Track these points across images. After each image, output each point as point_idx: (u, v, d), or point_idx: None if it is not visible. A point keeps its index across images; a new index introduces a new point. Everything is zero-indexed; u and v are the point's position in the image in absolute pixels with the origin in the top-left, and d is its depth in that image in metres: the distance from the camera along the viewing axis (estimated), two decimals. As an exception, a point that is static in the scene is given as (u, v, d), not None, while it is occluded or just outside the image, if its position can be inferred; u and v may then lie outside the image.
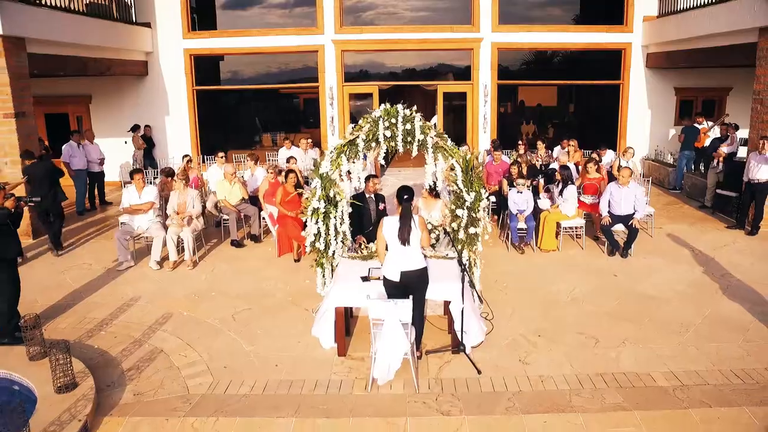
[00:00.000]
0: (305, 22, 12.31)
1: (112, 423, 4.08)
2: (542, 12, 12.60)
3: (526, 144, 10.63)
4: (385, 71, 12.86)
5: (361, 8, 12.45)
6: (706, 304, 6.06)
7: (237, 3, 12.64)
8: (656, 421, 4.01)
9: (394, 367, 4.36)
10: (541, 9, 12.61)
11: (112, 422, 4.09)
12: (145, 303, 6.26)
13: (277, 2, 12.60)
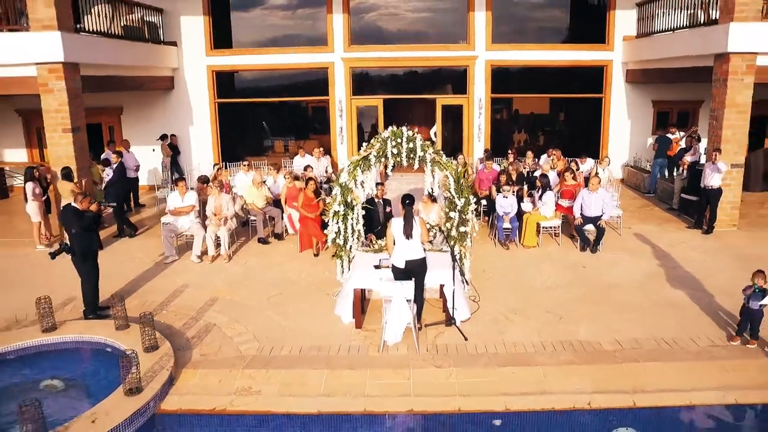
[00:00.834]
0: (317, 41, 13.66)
1: (188, 374, 5.46)
2: (532, 31, 13.94)
3: (515, 153, 12.00)
4: (390, 85, 14.24)
5: (367, 28, 13.81)
6: (656, 290, 7.43)
7: (254, 23, 13.99)
8: (596, 371, 5.40)
9: (400, 333, 5.74)
10: (530, 29, 13.95)
11: (188, 373, 5.47)
12: (193, 289, 7.63)
13: (291, 23, 13.96)
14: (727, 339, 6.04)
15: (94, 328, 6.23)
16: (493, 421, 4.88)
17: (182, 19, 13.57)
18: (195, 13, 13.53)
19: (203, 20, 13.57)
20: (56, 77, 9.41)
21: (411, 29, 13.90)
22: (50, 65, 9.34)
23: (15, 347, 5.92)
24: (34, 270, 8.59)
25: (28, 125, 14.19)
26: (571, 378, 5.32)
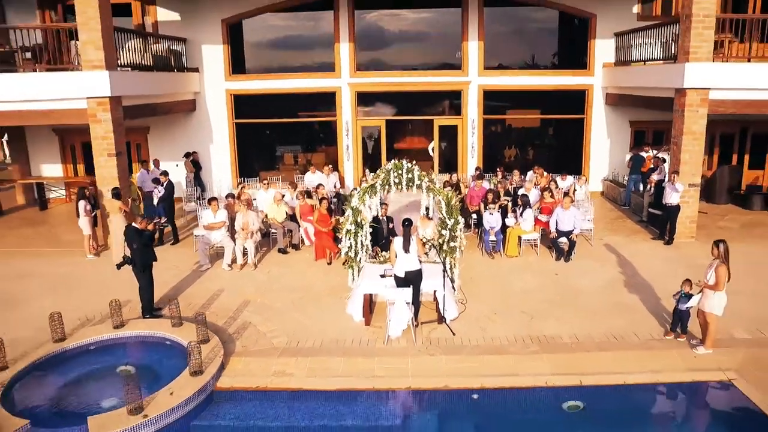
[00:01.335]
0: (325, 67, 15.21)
1: (234, 361, 7.00)
2: (520, 58, 15.48)
3: (503, 170, 13.55)
4: (392, 106, 15.78)
5: (372, 56, 15.34)
6: (614, 294, 8.97)
7: (269, 50, 15.52)
8: (554, 359, 6.93)
9: (401, 329, 7.28)
10: (519, 56, 15.48)
11: (234, 360, 7.01)
12: (228, 294, 9.17)
13: (303, 51, 15.51)
14: (663, 334, 7.57)
15: (155, 325, 7.77)
16: (471, 396, 6.40)
17: (203, 48, 15.12)
18: (215, 42, 15.09)
19: (222, 48, 15.12)
20: (103, 109, 10.95)
21: (411, 56, 15.45)
22: (98, 99, 10.88)
23: (94, 340, 7.46)
24: (87, 276, 10.14)
25: (64, 143, 15.75)
26: (534, 363, 6.86)
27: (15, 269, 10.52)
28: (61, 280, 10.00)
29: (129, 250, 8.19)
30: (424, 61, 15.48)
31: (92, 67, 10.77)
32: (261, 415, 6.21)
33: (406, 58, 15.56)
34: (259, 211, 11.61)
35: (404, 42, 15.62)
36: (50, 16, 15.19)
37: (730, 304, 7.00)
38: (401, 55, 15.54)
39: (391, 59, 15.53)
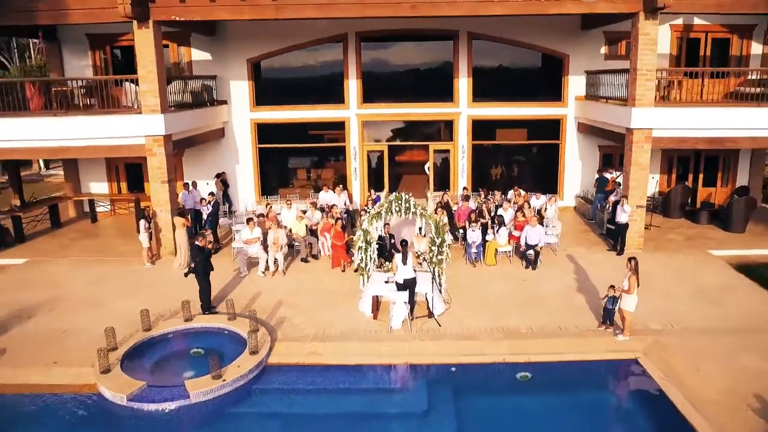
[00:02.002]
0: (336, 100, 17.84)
1: (278, 344, 9.63)
2: (504, 92, 18.04)
3: (486, 191, 16.19)
4: (393, 133, 18.42)
5: (376, 89, 17.95)
6: (568, 297, 11.59)
7: (288, 85, 18.12)
8: (512, 343, 9.56)
9: (400, 322, 9.92)
10: (503, 90, 18.05)
11: (278, 344, 9.64)
12: (264, 295, 11.80)
13: (317, 86, 18.12)
14: (597, 326, 10.20)
15: (215, 319, 10.43)
16: (450, 369, 9.04)
17: (231, 83, 17.76)
18: (241, 78, 17.73)
19: (247, 84, 17.76)
20: (158, 145, 13.62)
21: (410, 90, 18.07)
22: (155, 137, 13.55)
23: (172, 330, 10.11)
24: (149, 281, 12.78)
25: (109, 164, 18.38)
26: (497, 346, 9.49)
27: (89, 276, 13.17)
28: (129, 284, 12.64)
29: (193, 262, 10.84)
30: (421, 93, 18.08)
31: (150, 111, 13.43)
32: (300, 382, 8.85)
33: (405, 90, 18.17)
34: (284, 227, 14.23)
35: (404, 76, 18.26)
36: (100, 56, 17.83)
37: (651, 302, 9.70)
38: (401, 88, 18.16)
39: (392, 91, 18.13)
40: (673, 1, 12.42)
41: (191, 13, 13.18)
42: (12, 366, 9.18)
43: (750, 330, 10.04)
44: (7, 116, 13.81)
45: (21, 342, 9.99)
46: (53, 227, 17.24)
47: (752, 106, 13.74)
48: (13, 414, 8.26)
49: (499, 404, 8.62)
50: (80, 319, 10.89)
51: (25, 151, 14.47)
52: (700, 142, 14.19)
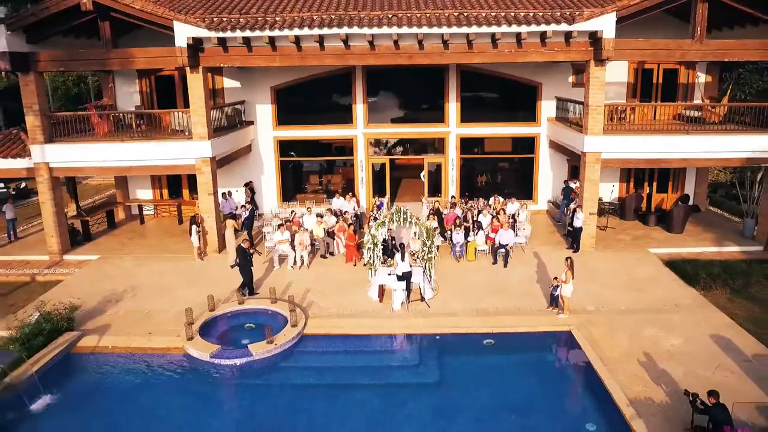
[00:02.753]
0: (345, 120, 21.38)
1: (310, 321, 13.28)
2: (487, 114, 21.57)
3: (466, 200, 19.80)
4: (393, 148, 21.98)
5: (379, 111, 21.49)
6: (528, 285, 15.22)
7: (304, 108, 21.63)
8: (482, 319, 13.23)
9: (399, 304, 13.59)
10: (486, 112, 21.59)
11: (310, 320, 13.28)
12: (295, 284, 15.42)
13: (329, 108, 21.66)
14: (546, 308, 13.84)
15: (261, 302, 14.07)
16: (435, 337, 12.70)
17: (257, 107, 21.29)
18: (265, 102, 21.25)
19: (271, 107, 21.28)
20: (205, 165, 17.18)
21: (408, 113, 21.64)
22: (203, 159, 17.11)
23: (229, 310, 13.75)
24: (202, 274, 16.37)
25: (153, 175, 21.92)
26: (471, 321, 13.14)
27: (154, 269, 16.78)
28: (186, 276, 16.26)
29: (239, 258, 14.47)
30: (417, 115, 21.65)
31: (199, 138, 16.99)
32: (327, 346, 12.50)
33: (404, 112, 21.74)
34: (307, 230, 17.81)
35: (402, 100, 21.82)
36: (146, 83, 21.33)
37: (591, 290, 13.42)
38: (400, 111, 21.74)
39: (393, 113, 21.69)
40: (614, 54, 15.94)
41: (232, 60, 16.71)
42: (119, 335, 12.83)
43: (658, 310, 13.69)
44: (85, 142, 17.40)
45: (119, 319, 13.64)
46: (110, 228, 20.87)
47: (682, 134, 17.30)
48: (126, 367, 11.90)
49: (470, 361, 12.26)
50: (156, 303, 14.52)
51: (97, 170, 18.10)
52: (640, 162, 17.80)
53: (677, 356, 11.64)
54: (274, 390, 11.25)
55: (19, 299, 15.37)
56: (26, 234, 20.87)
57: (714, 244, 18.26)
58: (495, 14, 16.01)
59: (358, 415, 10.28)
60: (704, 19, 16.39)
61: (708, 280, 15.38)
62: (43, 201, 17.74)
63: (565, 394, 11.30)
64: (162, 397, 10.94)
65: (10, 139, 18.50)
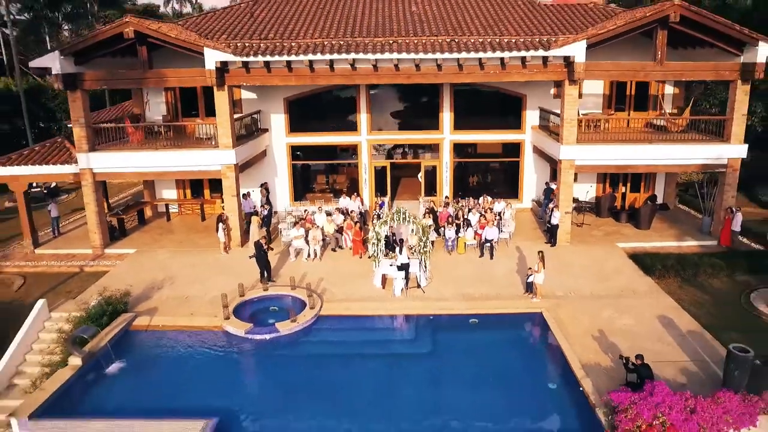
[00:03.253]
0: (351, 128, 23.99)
1: (326, 304, 15.99)
2: (478, 122, 24.19)
3: (457, 200, 22.48)
4: (393, 152, 24.62)
5: (381, 121, 24.12)
6: (509, 275, 17.94)
7: (314, 116, 24.22)
8: (468, 303, 15.96)
9: (400, 291, 16.32)
10: (477, 121, 24.20)
11: (325, 304, 16.00)
12: (310, 274, 18.11)
13: (336, 117, 24.27)
14: (523, 293, 16.54)
15: (282, 289, 16.77)
16: (429, 317, 15.42)
17: (272, 116, 23.88)
18: (279, 112, 23.84)
19: (284, 116, 23.88)
20: (230, 171, 19.83)
21: (406, 121, 24.27)
22: (228, 165, 19.75)
23: (257, 296, 16.45)
24: (228, 266, 19.03)
25: (178, 176, 24.55)
26: (459, 305, 15.86)
27: (186, 261, 19.44)
28: (215, 267, 18.93)
29: (257, 252, 17.14)
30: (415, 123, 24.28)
31: (224, 147, 19.62)
32: (340, 324, 15.22)
33: (403, 120, 24.38)
34: (318, 227, 20.47)
35: (402, 110, 24.44)
36: (171, 95, 23.89)
37: (563, 279, 16.15)
38: (400, 119, 24.37)
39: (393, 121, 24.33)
40: (585, 75, 18.57)
41: (253, 80, 19.31)
42: (166, 316, 15.54)
43: (617, 296, 16.39)
44: (123, 150, 20.03)
45: (163, 303, 16.33)
46: (140, 224, 23.53)
47: (646, 143, 19.95)
48: (176, 341, 14.60)
49: (457, 336, 14.97)
50: (192, 289, 17.21)
51: (134, 175, 20.75)
52: (610, 168, 20.48)
53: (626, 333, 14.37)
54: (296, 358, 13.97)
55: (74, 287, 18.07)
56: (66, 230, 23.51)
57: (675, 239, 20.95)
58: (482, 41, 18.63)
59: (365, 377, 13.03)
60: (664, 45, 18.98)
61: (663, 270, 18.10)
62: (87, 202, 20.38)
63: (533, 362, 14.01)
64: (207, 363, 13.67)
65: (56, 147, 21.11)
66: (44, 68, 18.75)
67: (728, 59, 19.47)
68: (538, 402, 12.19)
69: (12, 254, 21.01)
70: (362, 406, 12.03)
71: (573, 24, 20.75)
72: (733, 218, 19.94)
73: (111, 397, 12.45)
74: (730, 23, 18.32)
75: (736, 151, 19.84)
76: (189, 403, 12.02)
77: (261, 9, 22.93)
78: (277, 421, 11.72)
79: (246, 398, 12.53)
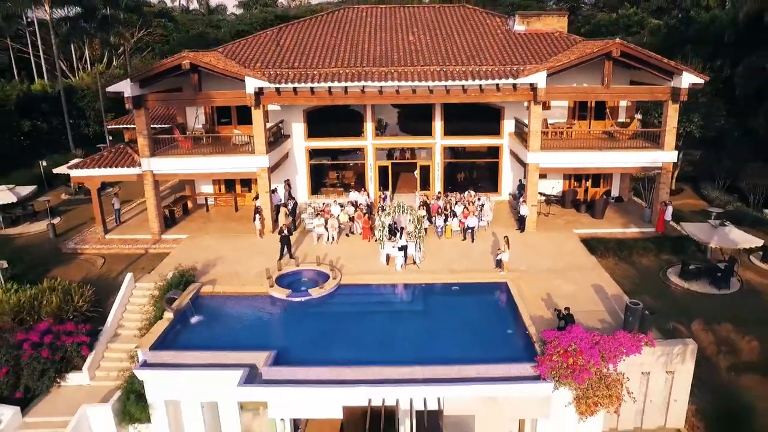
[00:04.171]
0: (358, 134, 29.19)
1: (344, 276, 21.35)
2: (464, 129, 29.38)
3: (445, 194, 27.78)
4: (394, 154, 29.90)
5: (384, 128, 29.30)
6: (485, 254, 23.32)
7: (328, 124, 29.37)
8: (452, 275, 21.34)
9: (400, 266, 21.71)
10: (463, 128, 29.38)
11: (343, 277, 21.35)
12: (330, 254, 23.43)
13: (345, 122, 29.46)
14: (493, 268, 21.92)
15: (310, 265, 22.12)
16: (422, 285, 20.81)
17: (293, 124, 29.07)
18: (299, 121, 29.01)
19: (303, 125, 29.06)
20: (264, 172, 25.07)
21: (405, 129, 29.51)
22: (262, 168, 24.99)
23: (291, 270, 21.80)
24: (262, 247, 24.33)
25: (215, 174, 29.77)
26: (445, 276, 21.24)
27: (229, 245, 24.72)
28: (253, 249, 24.23)
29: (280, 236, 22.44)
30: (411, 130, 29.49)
31: (259, 153, 24.85)
32: (356, 291, 20.61)
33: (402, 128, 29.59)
34: (334, 216, 25.72)
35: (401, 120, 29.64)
36: (209, 111, 28.99)
37: (526, 258, 21.51)
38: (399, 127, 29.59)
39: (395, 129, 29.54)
40: (546, 97, 23.78)
41: (283, 101, 24.51)
42: (224, 285, 20.87)
43: (566, 270, 21.74)
44: (177, 156, 25.25)
45: (219, 276, 21.64)
46: (184, 215, 28.80)
47: (596, 151, 25.20)
48: (235, 302, 19.95)
49: (443, 298, 20.35)
50: (239, 266, 22.50)
51: (185, 175, 26.01)
52: (568, 169, 25.80)
53: (567, 296, 19.74)
54: (325, 314, 19.31)
55: (146, 265, 23.41)
56: (124, 218, 28.74)
57: (622, 227, 26.31)
58: (464, 70, 23.83)
59: (375, 326, 18.40)
60: (610, 73, 24.18)
61: (605, 251, 23.51)
62: (148, 197, 25.63)
63: (497, 316, 19.38)
64: (260, 317, 19.06)
65: (120, 152, 26.31)
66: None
67: (663, 82, 24.67)
68: (499, 340, 17.55)
69: (87, 239, 26.30)
70: (372, 344, 17.38)
71: (540, 53, 25.91)
72: (666, 210, 25.31)
73: (197, 338, 17.81)
74: (660, 58, 23.54)
75: (668, 156, 25.12)
76: (252, 343, 17.35)
77: (284, 37, 28.05)
78: (313, 353, 17.05)
79: (290, 340, 17.88)
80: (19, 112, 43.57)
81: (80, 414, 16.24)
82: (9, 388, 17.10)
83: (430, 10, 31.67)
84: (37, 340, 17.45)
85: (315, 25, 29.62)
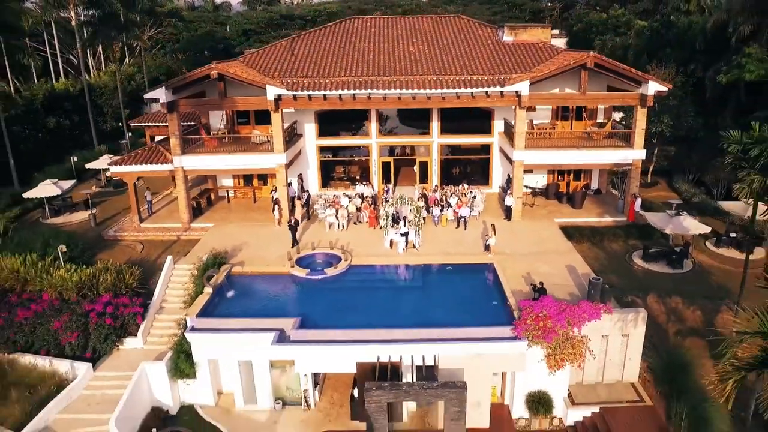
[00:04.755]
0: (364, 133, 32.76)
1: (354, 258, 25.01)
2: (458, 129, 32.94)
3: (442, 187, 31.42)
4: (395, 149, 33.51)
5: (386, 128, 32.87)
6: (476, 240, 26.98)
7: (337, 124, 32.92)
8: (445, 256, 25.03)
9: (402, 249, 25.39)
10: (458, 128, 32.94)
11: (353, 259, 25.02)
12: (341, 240, 27.08)
13: (351, 122, 33.01)
14: (482, 251, 25.58)
15: (323, 249, 25.78)
16: (422, 265, 24.50)
17: (305, 125, 32.63)
18: (311, 122, 32.56)
19: (314, 125, 32.61)
20: (282, 168, 28.67)
21: (405, 128, 33.11)
22: (280, 164, 28.58)
23: (306, 254, 25.46)
24: (280, 234, 27.95)
25: (235, 169, 33.35)
26: (440, 257, 24.90)
27: (251, 232, 28.33)
28: (272, 236, 27.85)
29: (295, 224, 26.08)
30: (411, 130, 33.08)
31: (278, 151, 28.43)
32: (364, 270, 24.28)
33: (403, 128, 33.18)
34: (344, 207, 29.32)
35: (402, 121, 33.22)
36: (230, 113, 32.51)
37: (510, 243, 25.21)
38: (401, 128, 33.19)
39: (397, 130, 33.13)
40: (529, 103, 27.36)
41: (299, 105, 28.06)
42: (251, 266, 24.51)
43: (544, 254, 25.39)
44: (205, 154, 28.84)
45: (246, 258, 25.26)
46: (208, 206, 32.40)
47: (575, 149, 28.80)
48: (262, 280, 23.62)
49: (439, 276, 24.03)
50: (262, 250, 26.12)
51: (211, 171, 29.61)
52: (551, 165, 29.39)
53: (543, 274, 23.38)
54: (339, 289, 23.00)
55: (180, 249, 27.04)
56: (155, 209, 32.32)
57: (597, 216, 29.97)
58: (458, 79, 27.40)
59: (381, 299, 22.10)
60: (586, 81, 27.76)
61: (580, 237, 27.18)
62: (179, 190, 29.24)
63: (485, 290, 23.05)
64: (283, 291, 22.76)
65: (153, 151, 29.88)
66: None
67: (634, 89, 28.24)
68: (485, 309, 21.22)
69: (124, 227, 29.92)
70: (379, 312, 21.03)
71: (525, 62, 29.45)
72: (635, 201, 28.97)
73: (233, 308, 21.49)
74: (629, 68, 27.14)
75: (637, 154, 28.72)
76: (279, 312, 21.03)
77: (298, 46, 31.56)
78: (330, 320, 20.68)
79: (311, 309, 21.51)
80: (44, 111, 47.08)
81: (141, 369, 19.93)
82: (80, 348, 20.80)
83: (429, 20, 35.16)
84: (101, 310, 21.12)
85: (325, 36, 33.13)
